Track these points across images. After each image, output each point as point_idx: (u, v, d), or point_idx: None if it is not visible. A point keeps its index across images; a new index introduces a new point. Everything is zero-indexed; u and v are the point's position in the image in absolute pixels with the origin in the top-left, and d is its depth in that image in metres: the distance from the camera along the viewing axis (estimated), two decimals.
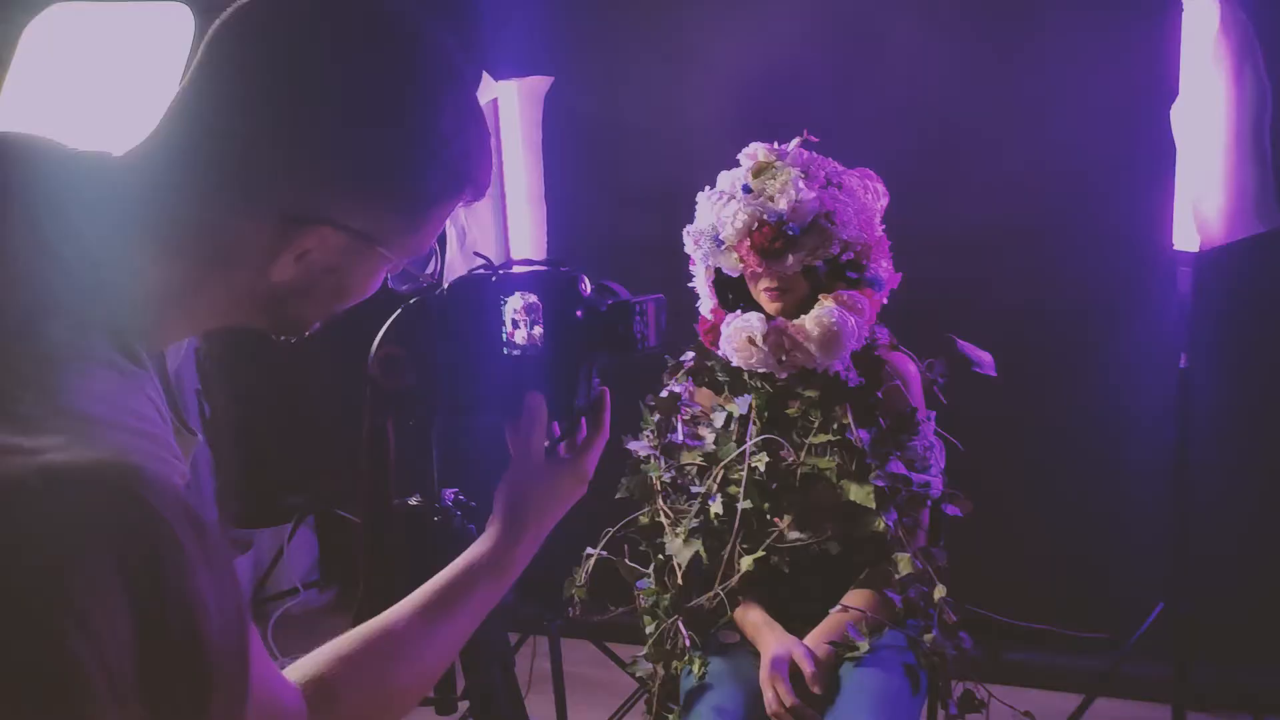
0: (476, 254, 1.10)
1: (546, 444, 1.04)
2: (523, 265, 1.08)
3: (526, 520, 0.98)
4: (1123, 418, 2.63)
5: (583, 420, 1.07)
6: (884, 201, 1.93)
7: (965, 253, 2.65)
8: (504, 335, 1.05)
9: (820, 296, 1.79)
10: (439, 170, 0.85)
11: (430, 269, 0.96)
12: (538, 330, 1.04)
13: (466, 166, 0.87)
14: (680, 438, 1.97)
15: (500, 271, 1.06)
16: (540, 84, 2.26)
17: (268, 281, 0.82)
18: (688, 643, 1.79)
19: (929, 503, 1.87)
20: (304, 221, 0.80)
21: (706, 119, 2.65)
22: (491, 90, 2.13)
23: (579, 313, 1.04)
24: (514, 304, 1.05)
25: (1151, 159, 2.29)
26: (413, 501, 1.17)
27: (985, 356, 1.95)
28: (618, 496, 1.98)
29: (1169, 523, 2.39)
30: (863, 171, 1.94)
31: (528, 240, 2.29)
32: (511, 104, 2.19)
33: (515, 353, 1.05)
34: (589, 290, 1.05)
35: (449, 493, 1.21)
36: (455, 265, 2.14)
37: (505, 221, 2.20)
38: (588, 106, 2.77)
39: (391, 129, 0.81)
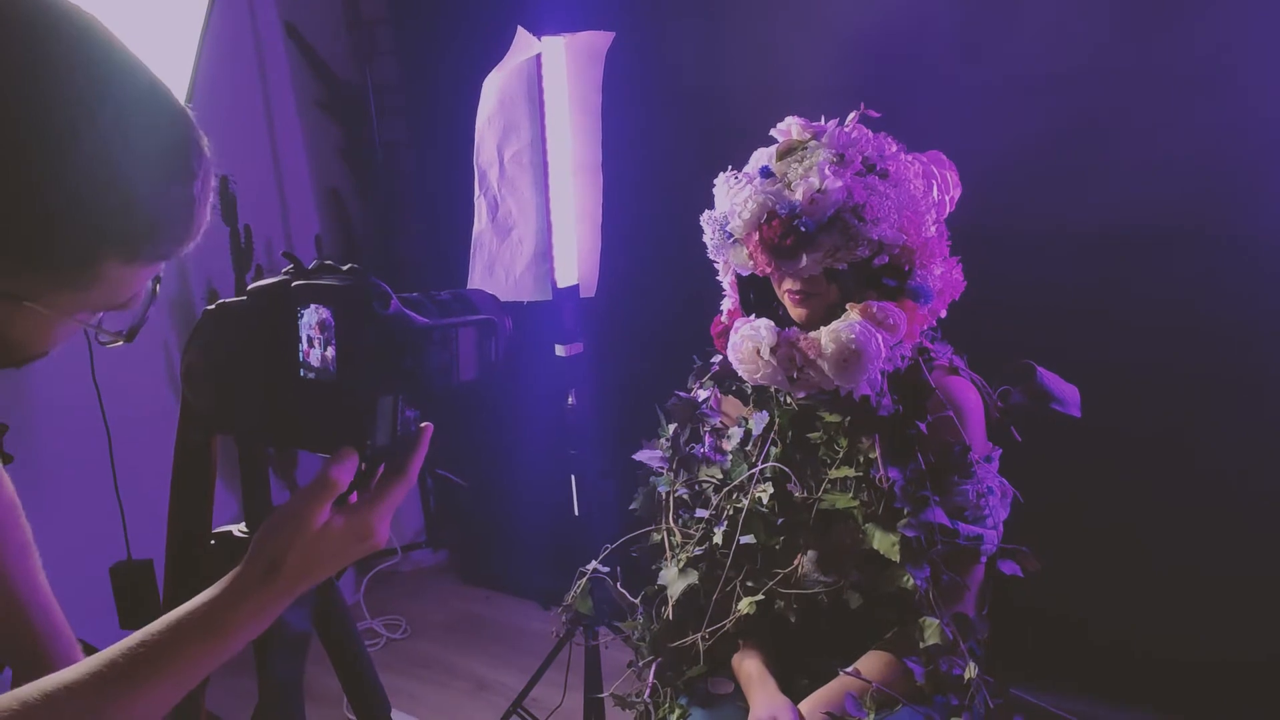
0: (285, 255, 0.91)
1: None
2: (331, 272, 0.89)
3: (268, 576, 0.81)
4: None
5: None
6: (954, 194, 1.60)
7: (1100, 255, 2.19)
8: (301, 354, 0.88)
9: (848, 306, 1.49)
10: (85, 229, 0.70)
11: (123, 328, 0.82)
12: (330, 351, 0.86)
13: (134, 224, 0.72)
14: (705, 449, 1.74)
15: (300, 279, 0.88)
16: (599, 40, 2.03)
17: None
18: (648, 691, 1.56)
19: (983, 559, 1.56)
20: None
21: (802, 82, 2.31)
22: (532, 46, 1.92)
23: (371, 335, 0.84)
24: (310, 318, 0.87)
25: None
26: (238, 532, 1.01)
27: (1070, 392, 1.59)
28: (630, 507, 1.79)
29: None
30: (933, 156, 1.61)
31: (575, 215, 2.08)
32: (558, 62, 1.97)
33: (310, 375, 0.87)
34: (392, 308, 0.85)
35: None
36: (483, 241, 1.97)
37: (546, 193, 2.00)
38: (659, 66, 2.49)
39: (8, 180, 0.67)
